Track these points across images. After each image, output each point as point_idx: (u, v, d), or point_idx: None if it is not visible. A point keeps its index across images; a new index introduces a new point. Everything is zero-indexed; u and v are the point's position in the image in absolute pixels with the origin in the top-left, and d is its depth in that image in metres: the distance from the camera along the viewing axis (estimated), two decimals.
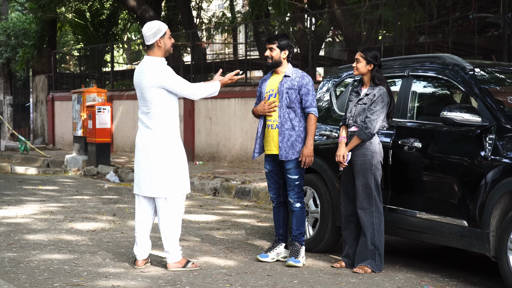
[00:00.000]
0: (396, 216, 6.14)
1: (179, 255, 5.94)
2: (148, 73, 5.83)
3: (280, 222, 6.42)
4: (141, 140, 5.95)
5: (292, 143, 6.21)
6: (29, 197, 10.45)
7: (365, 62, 6.10)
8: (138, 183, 5.99)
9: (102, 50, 22.10)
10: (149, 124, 5.87)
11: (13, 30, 24.59)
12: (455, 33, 12.34)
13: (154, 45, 5.87)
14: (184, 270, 5.89)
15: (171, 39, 5.94)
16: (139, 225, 6.00)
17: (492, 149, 5.44)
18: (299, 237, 6.29)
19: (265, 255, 6.34)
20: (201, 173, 12.70)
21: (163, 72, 5.82)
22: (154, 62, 5.87)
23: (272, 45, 6.29)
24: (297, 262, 6.17)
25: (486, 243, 5.41)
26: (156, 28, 5.86)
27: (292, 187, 6.28)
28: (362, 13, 13.29)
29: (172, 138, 5.91)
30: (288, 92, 6.22)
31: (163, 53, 5.91)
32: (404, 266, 6.32)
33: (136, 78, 5.97)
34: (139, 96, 6.02)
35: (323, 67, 19.00)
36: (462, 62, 6.11)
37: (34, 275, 5.59)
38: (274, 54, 6.29)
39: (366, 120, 5.99)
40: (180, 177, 5.92)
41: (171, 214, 5.89)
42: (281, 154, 6.21)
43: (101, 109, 14.37)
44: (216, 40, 25.49)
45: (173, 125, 5.93)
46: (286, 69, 6.31)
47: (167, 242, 5.90)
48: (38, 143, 21.76)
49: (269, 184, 6.46)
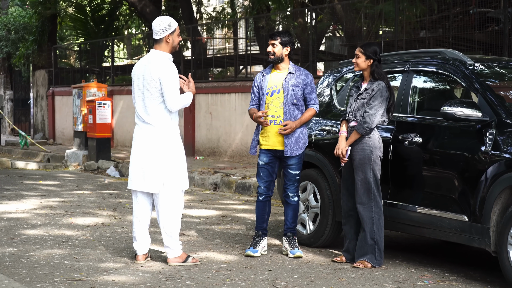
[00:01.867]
0: (396, 211, 6.14)
1: (179, 250, 5.94)
2: (153, 65, 5.85)
3: (265, 216, 6.46)
4: (140, 135, 5.94)
5: (296, 139, 6.32)
6: (30, 192, 10.46)
7: (365, 57, 6.10)
8: (134, 178, 5.97)
9: (102, 45, 22.09)
10: (148, 119, 5.87)
11: (14, 25, 24.57)
12: (456, 28, 12.33)
13: (162, 40, 5.91)
14: (185, 265, 5.89)
15: (179, 37, 5.99)
16: (138, 220, 6.00)
17: (493, 144, 5.43)
18: (293, 229, 6.46)
19: (255, 250, 6.35)
20: (202, 168, 12.70)
21: (166, 67, 5.85)
22: (161, 56, 5.91)
23: (274, 41, 6.33)
24: (301, 252, 6.37)
25: (487, 238, 5.41)
26: (167, 23, 5.91)
27: (293, 181, 6.38)
28: (363, 8, 13.27)
29: (171, 133, 5.91)
30: (294, 89, 6.30)
31: (170, 49, 5.95)
32: (404, 261, 6.33)
33: (138, 70, 5.96)
34: (138, 90, 5.96)
35: (324, 62, 18.97)
36: (463, 57, 6.10)
37: (34, 270, 5.60)
38: (276, 50, 6.32)
39: (365, 115, 5.99)
40: (178, 172, 5.92)
41: (170, 209, 5.89)
42: (287, 150, 6.29)
43: (102, 104, 14.38)
44: (216, 35, 25.46)
45: (173, 120, 5.93)
46: (288, 66, 6.34)
47: (167, 237, 5.90)
48: (38, 138, 21.76)
49: (262, 177, 6.46)
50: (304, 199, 6.95)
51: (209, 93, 15.42)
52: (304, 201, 6.95)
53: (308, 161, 6.95)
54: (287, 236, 6.44)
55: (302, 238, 6.89)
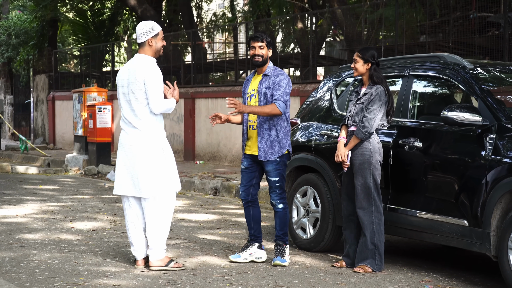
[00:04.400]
0: (396, 216, 6.15)
1: (162, 253, 5.90)
2: (138, 69, 5.85)
3: (251, 222, 6.32)
4: (127, 140, 5.92)
5: (271, 143, 6.13)
6: (30, 196, 10.46)
7: (363, 62, 6.11)
8: (122, 183, 5.95)
9: (102, 50, 22.12)
10: (136, 123, 5.85)
11: (14, 30, 24.61)
12: (456, 32, 12.35)
13: (145, 44, 5.92)
14: (167, 269, 5.82)
15: (163, 41, 5.97)
16: (133, 225, 5.97)
17: (493, 148, 5.44)
18: (282, 237, 6.24)
19: (238, 255, 6.28)
20: (202, 172, 12.71)
21: (150, 70, 5.83)
22: (145, 60, 5.90)
23: (262, 43, 6.19)
24: (284, 262, 6.16)
25: (487, 242, 5.42)
26: (149, 27, 5.91)
27: (273, 188, 6.20)
28: (363, 12, 13.30)
29: (158, 137, 5.90)
30: (266, 92, 6.15)
31: (153, 53, 5.94)
32: (404, 265, 6.33)
33: (123, 75, 5.94)
34: (123, 94, 5.94)
35: (324, 67, 19.00)
36: (463, 61, 6.11)
37: (34, 275, 5.60)
38: (264, 52, 6.19)
39: (364, 119, 5.99)
40: (167, 176, 5.91)
41: (158, 214, 5.86)
42: (260, 154, 6.14)
43: (102, 108, 14.38)
44: (216, 39, 25.50)
45: (159, 124, 5.94)
46: (267, 68, 6.23)
47: (152, 240, 5.86)
48: (38, 143, 21.78)
49: (242, 182, 6.36)
50: (304, 203, 6.95)
51: (209, 98, 15.44)
52: (305, 205, 6.95)
53: (308, 165, 6.96)
54: (276, 243, 6.31)
55: (302, 243, 6.89)
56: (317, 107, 7.28)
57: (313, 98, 7.43)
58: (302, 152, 7.06)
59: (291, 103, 13.73)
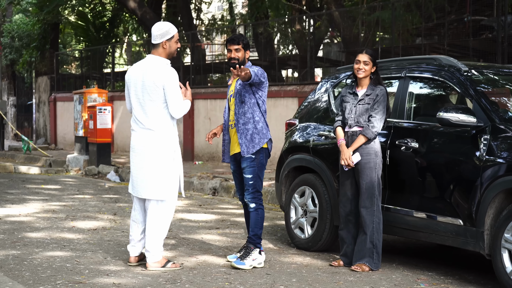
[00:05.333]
0: (393, 215, 6.21)
1: (160, 255, 5.94)
2: (153, 71, 5.83)
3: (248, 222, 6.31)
4: (139, 141, 5.92)
5: (251, 136, 6.08)
6: (32, 196, 10.54)
7: (372, 64, 6.18)
8: (134, 184, 6.01)
9: (103, 52, 22.19)
10: (149, 125, 5.86)
11: (17, 32, 24.71)
12: (451, 35, 12.46)
13: (159, 45, 5.90)
14: (164, 270, 5.88)
15: (177, 44, 5.95)
16: (135, 224, 6.04)
17: (487, 149, 5.51)
18: (253, 239, 6.08)
19: (233, 255, 6.30)
20: (201, 172, 12.78)
21: (168, 73, 5.83)
22: (159, 62, 5.88)
23: (238, 46, 6.16)
24: (241, 264, 6.00)
25: (481, 241, 5.49)
26: (166, 29, 5.89)
27: (247, 186, 6.11)
28: (360, 15, 13.39)
29: (171, 139, 5.93)
30: (241, 88, 6.12)
31: (166, 55, 5.93)
32: (401, 264, 6.41)
33: (135, 75, 5.91)
34: (135, 95, 5.91)
35: (322, 68, 19.09)
36: (458, 63, 6.18)
37: (37, 273, 5.68)
38: (240, 54, 6.18)
39: (372, 119, 6.05)
40: (176, 179, 5.96)
41: (161, 216, 5.91)
42: (243, 150, 6.09)
43: (102, 109, 14.45)
44: (215, 41, 25.56)
45: (175, 126, 5.97)
46: None
47: (150, 242, 5.89)
48: (40, 143, 21.86)
49: (235, 184, 6.40)
50: (302, 203, 7.02)
51: (208, 99, 15.52)
52: (303, 205, 7.02)
53: (306, 166, 7.03)
54: (245, 244, 6.15)
55: (300, 242, 6.97)
56: (315, 108, 7.35)
57: (311, 99, 7.50)
58: (300, 152, 7.13)
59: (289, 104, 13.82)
